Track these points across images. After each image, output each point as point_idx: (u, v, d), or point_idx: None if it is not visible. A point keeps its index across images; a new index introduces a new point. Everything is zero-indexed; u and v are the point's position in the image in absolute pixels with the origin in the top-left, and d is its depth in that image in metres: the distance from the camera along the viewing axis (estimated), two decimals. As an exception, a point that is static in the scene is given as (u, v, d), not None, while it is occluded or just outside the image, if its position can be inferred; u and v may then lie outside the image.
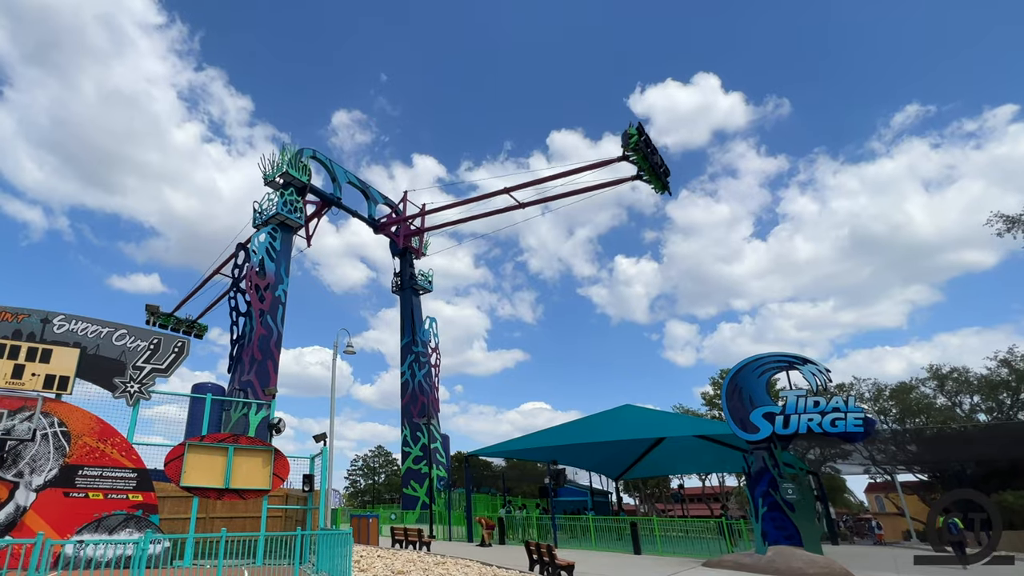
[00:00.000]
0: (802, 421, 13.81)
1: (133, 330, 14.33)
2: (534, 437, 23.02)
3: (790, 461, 14.20)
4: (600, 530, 20.80)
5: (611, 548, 18.35)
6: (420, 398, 50.63)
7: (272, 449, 15.93)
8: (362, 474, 73.62)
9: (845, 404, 13.51)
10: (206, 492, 14.40)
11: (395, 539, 17.57)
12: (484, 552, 17.42)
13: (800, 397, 14.05)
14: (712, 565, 14.08)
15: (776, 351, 14.91)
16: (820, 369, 14.11)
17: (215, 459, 15.07)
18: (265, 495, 15.61)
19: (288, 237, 43.56)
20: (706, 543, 17.74)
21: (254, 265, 40.02)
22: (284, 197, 42.75)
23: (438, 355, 53.94)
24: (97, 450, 13.22)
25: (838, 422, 13.40)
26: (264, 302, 39.75)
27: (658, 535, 17.56)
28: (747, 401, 14.81)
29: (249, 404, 37.50)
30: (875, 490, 40.27)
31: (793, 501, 13.64)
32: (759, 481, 14.30)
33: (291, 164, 44.22)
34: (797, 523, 13.51)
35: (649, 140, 30.77)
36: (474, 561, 13.74)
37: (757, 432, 14.40)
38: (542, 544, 11.32)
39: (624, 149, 30.64)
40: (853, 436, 13.36)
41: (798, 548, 13.23)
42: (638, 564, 14.78)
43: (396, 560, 13.86)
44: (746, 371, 15.09)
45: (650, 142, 30.92)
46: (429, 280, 56.29)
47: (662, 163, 32.13)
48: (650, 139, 30.90)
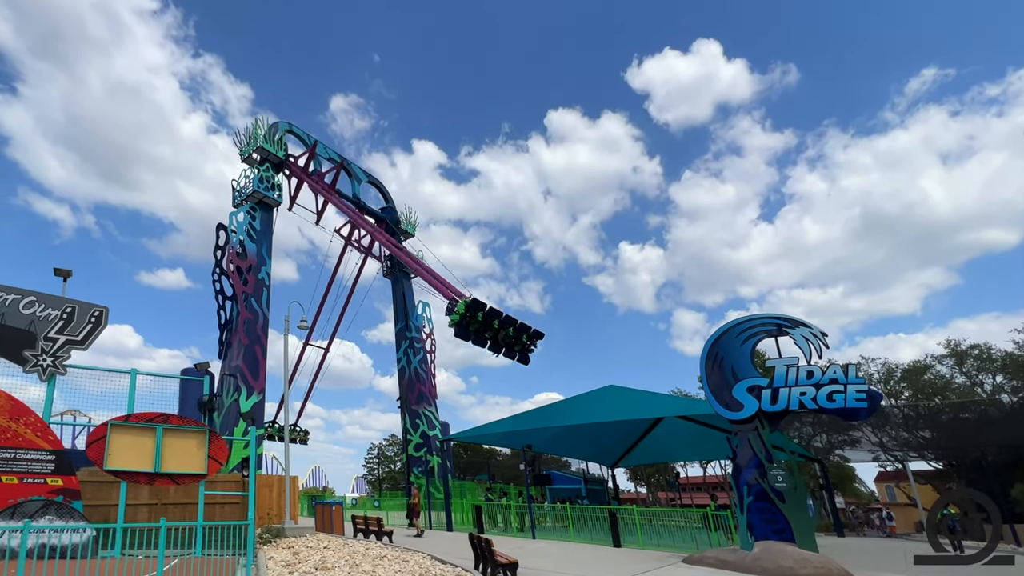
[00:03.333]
0: (793, 396, 11.96)
1: (43, 297, 12.92)
2: (513, 420, 21.44)
3: (781, 444, 12.39)
4: (581, 520, 19.22)
5: (592, 540, 16.79)
6: (417, 385, 49.42)
7: (206, 430, 14.50)
8: (378, 463, 74.20)
9: (845, 375, 11.63)
10: (135, 476, 13.02)
11: (356, 528, 16.19)
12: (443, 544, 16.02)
13: (790, 367, 12.19)
14: (693, 562, 12.40)
15: (763, 312, 13.04)
16: (815, 333, 12.21)
17: (143, 440, 13.63)
18: (202, 480, 14.22)
19: (268, 216, 42.18)
20: (695, 535, 16.10)
21: (234, 246, 38.80)
22: (260, 173, 41.33)
23: (433, 340, 52.58)
24: (8, 430, 11.94)
25: (836, 396, 11.53)
26: (248, 284, 38.53)
27: (639, 526, 15.90)
28: (729, 373, 12.98)
29: (240, 389, 36.58)
30: (886, 479, 38.19)
31: (783, 490, 11.86)
32: (744, 467, 12.53)
33: (266, 139, 42.78)
34: (788, 515, 11.73)
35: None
36: (424, 555, 12.26)
37: (740, 409, 12.58)
38: (483, 537, 9.76)
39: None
40: (854, 413, 11.49)
41: (789, 544, 11.48)
42: (609, 559, 13.17)
43: (338, 552, 12.41)
44: (728, 338, 13.23)
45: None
46: (421, 263, 54.72)
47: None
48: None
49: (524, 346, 27.15)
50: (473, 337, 26.27)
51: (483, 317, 25.52)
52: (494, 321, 25.96)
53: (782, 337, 12.61)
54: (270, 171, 42.84)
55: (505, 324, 26.19)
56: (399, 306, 51.62)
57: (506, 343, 26.53)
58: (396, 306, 52.10)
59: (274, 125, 45.25)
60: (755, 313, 13.18)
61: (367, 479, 76.41)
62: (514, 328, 26.30)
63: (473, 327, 25.89)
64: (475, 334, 26.18)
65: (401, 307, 51.30)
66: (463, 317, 25.55)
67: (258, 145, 42.63)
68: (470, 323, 25.77)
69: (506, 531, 19.64)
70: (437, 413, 48.47)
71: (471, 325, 25.85)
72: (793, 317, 12.70)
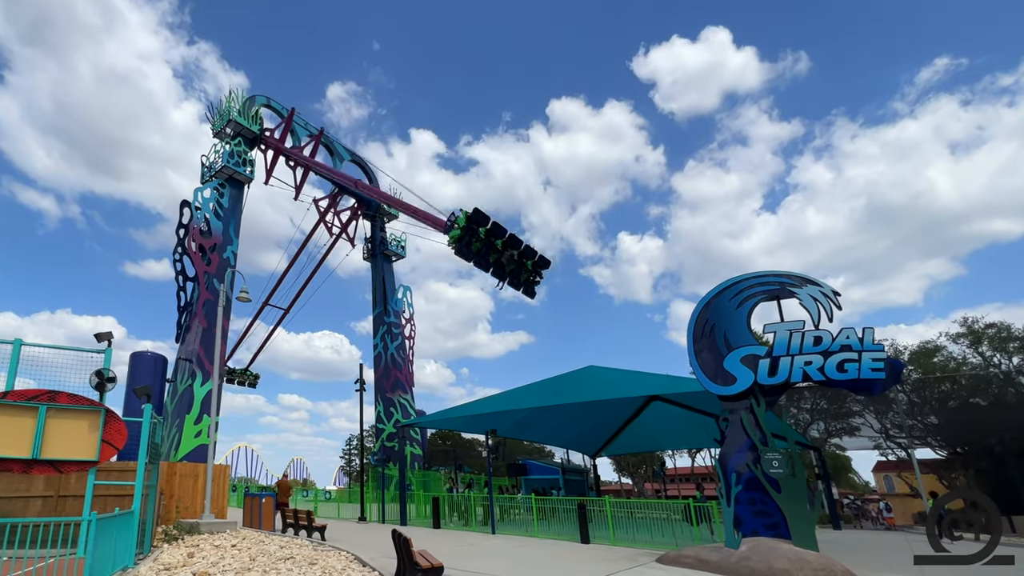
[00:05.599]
0: (796, 365, 9.88)
1: None
2: (481, 403, 19.31)
3: (780, 432, 10.37)
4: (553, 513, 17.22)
5: (560, 535, 14.80)
6: (393, 372, 47.34)
7: (102, 410, 12.22)
8: (357, 453, 72.58)
9: (860, 340, 9.56)
10: (6, 464, 10.81)
11: (285, 523, 14.11)
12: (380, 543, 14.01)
13: (794, 332, 10.11)
14: (667, 561, 10.38)
15: (764, 270, 10.94)
16: (825, 292, 10.13)
17: (21, 422, 11.37)
18: (91, 468, 11.97)
19: (238, 193, 39.65)
20: (676, 529, 14.14)
21: (198, 223, 36.33)
22: (231, 148, 38.75)
23: (413, 326, 50.42)
24: None
25: (848, 365, 9.46)
26: (210, 264, 36.11)
27: (610, 519, 13.87)
28: (721, 342, 10.89)
29: (195, 375, 34.28)
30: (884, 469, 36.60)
31: (780, 478, 9.83)
32: (734, 452, 10.48)
33: (241, 113, 40.12)
34: (784, 507, 9.71)
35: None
36: (347, 555, 10.20)
37: (733, 383, 10.51)
38: (402, 535, 7.69)
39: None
40: (868, 385, 9.43)
41: (783, 541, 9.47)
42: (570, 557, 11.15)
43: (243, 552, 10.31)
44: (721, 300, 11.14)
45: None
46: (402, 245, 52.32)
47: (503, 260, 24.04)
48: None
49: (530, 275, 24.85)
50: (475, 258, 24.01)
51: (486, 235, 23.19)
52: (497, 241, 23.54)
53: (787, 300, 10.52)
54: (242, 146, 40.26)
55: (510, 244, 23.70)
56: (378, 290, 49.34)
57: (511, 270, 24.21)
58: (375, 290, 49.82)
59: (250, 99, 42.46)
60: (755, 271, 11.07)
61: (344, 470, 74.85)
62: (518, 252, 23.81)
63: (476, 246, 23.56)
64: (477, 255, 23.89)
65: (380, 291, 49.02)
66: (464, 232, 23.17)
67: (230, 119, 40.04)
68: (472, 240, 23.41)
69: (467, 525, 17.62)
70: (413, 401, 46.39)
71: (473, 243, 23.49)
72: (799, 274, 10.59)
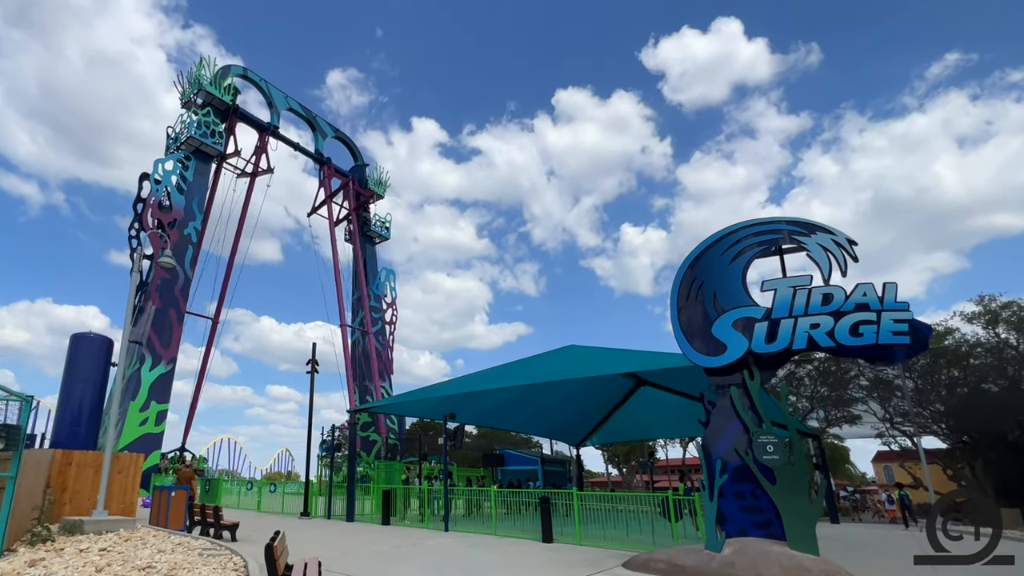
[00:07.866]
0: (800, 329, 7.93)
1: None
2: (446, 385, 17.36)
3: (779, 419, 8.44)
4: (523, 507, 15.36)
5: (522, 532, 12.95)
6: (372, 358, 45.24)
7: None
8: (333, 444, 70.81)
9: (880, 299, 7.61)
10: None
11: (193, 520, 12.12)
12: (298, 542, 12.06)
13: (798, 289, 8.14)
14: (635, 566, 8.48)
15: (763, 217, 8.96)
16: (838, 241, 8.14)
17: None
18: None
19: (205, 167, 37.17)
20: (654, 525, 12.31)
21: (157, 196, 33.94)
22: (199, 118, 36.22)
23: (394, 311, 48.26)
24: None
25: (864, 328, 7.51)
26: (167, 241, 33.79)
27: (577, 515, 11.99)
28: (710, 303, 8.91)
29: (144, 359, 32.17)
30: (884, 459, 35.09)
31: (774, 465, 7.92)
32: (720, 436, 8.55)
33: (213, 83, 37.56)
34: (779, 502, 7.81)
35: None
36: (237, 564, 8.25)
37: (723, 352, 8.56)
38: (276, 545, 5.75)
39: None
40: (888, 352, 7.50)
41: (777, 543, 7.58)
42: (523, 561, 9.26)
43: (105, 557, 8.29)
44: (711, 255, 9.15)
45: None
46: (386, 226, 50.00)
47: None
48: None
49: None
50: None
51: None
52: None
53: (791, 254, 8.53)
54: (211, 116, 37.75)
55: None
56: (358, 272, 47.11)
57: None
58: (355, 273, 47.61)
59: (225, 68, 39.85)
60: (752, 219, 9.07)
61: (324, 462, 73.26)
62: None
63: None
64: None
65: (361, 273, 46.80)
66: None
67: (200, 87, 37.50)
68: None
69: (423, 521, 15.75)
70: (392, 389, 44.39)
71: None
72: (808, 220, 8.59)
